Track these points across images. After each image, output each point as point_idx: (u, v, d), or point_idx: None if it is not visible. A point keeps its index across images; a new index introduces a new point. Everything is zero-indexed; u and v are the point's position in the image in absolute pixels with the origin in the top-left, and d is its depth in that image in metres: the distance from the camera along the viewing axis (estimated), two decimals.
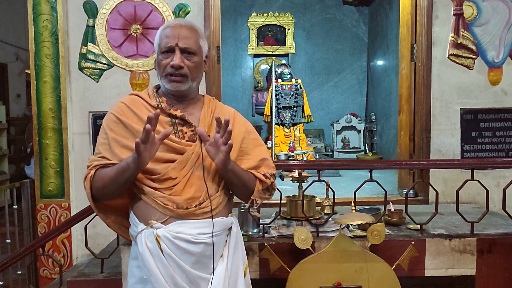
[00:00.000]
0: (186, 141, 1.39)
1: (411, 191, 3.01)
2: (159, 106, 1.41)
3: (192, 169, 1.36)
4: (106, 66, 2.89)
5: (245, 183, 1.42)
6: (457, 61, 2.98)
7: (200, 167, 1.37)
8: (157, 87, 1.50)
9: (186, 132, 1.41)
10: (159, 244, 1.30)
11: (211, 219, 1.35)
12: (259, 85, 7.68)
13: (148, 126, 1.19)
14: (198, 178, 1.36)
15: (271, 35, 7.36)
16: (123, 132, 1.38)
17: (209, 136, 1.37)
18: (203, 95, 1.53)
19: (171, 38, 1.38)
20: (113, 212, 1.51)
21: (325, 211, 2.53)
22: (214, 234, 1.35)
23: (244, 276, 1.45)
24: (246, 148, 1.49)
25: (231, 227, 1.44)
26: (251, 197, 1.46)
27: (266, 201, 2.21)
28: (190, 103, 1.47)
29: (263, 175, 1.46)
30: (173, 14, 2.86)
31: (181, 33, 1.39)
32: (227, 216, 1.44)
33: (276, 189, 2.14)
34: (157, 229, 1.32)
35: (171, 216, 1.33)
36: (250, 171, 1.46)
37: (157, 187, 1.34)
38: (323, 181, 2.29)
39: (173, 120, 1.41)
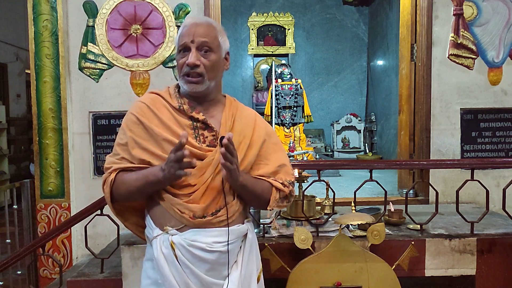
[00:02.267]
0: (207, 146, 1.35)
1: (411, 191, 3.01)
2: (181, 107, 1.36)
3: (212, 176, 1.31)
4: (106, 66, 2.89)
5: (258, 195, 1.38)
6: (457, 61, 2.98)
7: (220, 173, 1.31)
8: (178, 87, 1.44)
9: (207, 137, 1.36)
10: (174, 251, 1.29)
11: (227, 228, 1.32)
12: (259, 85, 7.68)
13: (183, 153, 1.18)
14: (216, 185, 1.32)
15: (271, 35, 7.36)
16: (142, 133, 1.34)
17: None
18: (224, 96, 1.48)
19: (186, 36, 1.34)
20: (131, 214, 1.49)
21: (325, 211, 2.53)
22: (229, 242, 1.33)
23: (258, 282, 1.43)
24: (265, 153, 1.43)
25: (246, 233, 1.41)
26: (268, 208, 1.41)
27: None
28: (211, 104, 1.41)
29: (281, 183, 1.41)
30: (173, 14, 2.86)
31: (197, 31, 1.34)
32: (243, 223, 1.40)
33: None
34: (172, 235, 1.31)
35: (187, 224, 1.31)
36: (267, 179, 1.40)
37: (175, 193, 1.31)
38: (323, 181, 2.29)
39: (195, 123, 1.36)
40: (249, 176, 1.37)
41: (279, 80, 5.83)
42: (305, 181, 2.42)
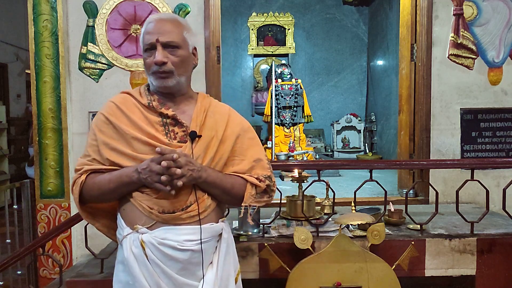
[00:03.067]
0: (178, 142, 1.33)
1: (411, 191, 3.01)
2: (150, 104, 1.35)
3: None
4: (106, 66, 2.89)
5: (228, 191, 1.35)
6: (457, 61, 2.98)
7: None
8: (148, 85, 1.44)
9: (177, 133, 1.35)
10: (144, 250, 1.27)
11: (199, 226, 1.29)
12: (259, 85, 7.68)
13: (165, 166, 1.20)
14: None
15: (271, 35, 7.36)
16: (112, 133, 1.33)
17: (201, 136, 1.33)
18: (197, 93, 1.46)
19: (151, 34, 1.32)
20: (102, 216, 1.46)
21: (325, 211, 2.53)
22: (202, 240, 1.29)
23: (236, 283, 1.41)
24: (240, 148, 1.41)
25: (221, 233, 1.38)
26: (242, 204, 1.38)
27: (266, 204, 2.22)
28: (182, 100, 1.40)
29: (256, 178, 1.38)
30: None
31: (162, 28, 1.32)
32: (217, 222, 1.37)
33: (276, 189, 2.16)
34: (142, 234, 1.28)
35: (157, 221, 1.28)
36: (242, 175, 1.38)
37: (144, 189, 1.29)
38: (323, 181, 2.29)
39: (164, 120, 1.35)
40: (216, 171, 1.35)
41: (279, 80, 5.83)
42: (305, 181, 2.42)
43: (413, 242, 2.05)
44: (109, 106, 1.37)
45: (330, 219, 2.31)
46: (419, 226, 2.24)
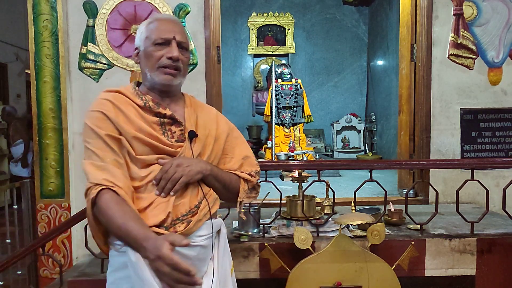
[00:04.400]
0: (175, 141, 1.34)
1: (411, 191, 3.01)
2: (146, 105, 1.33)
3: None
4: (106, 66, 2.89)
5: (227, 185, 1.40)
6: (457, 61, 2.98)
7: None
8: (137, 85, 1.42)
9: (175, 132, 1.35)
10: None
11: (209, 220, 1.33)
12: (259, 85, 7.68)
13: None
14: None
15: (271, 35, 7.36)
16: (112, 128, 1.28)
17: (197, 135, 1.36)
18: (182, 93, 1.48)
19: (167, 31, 1.34)
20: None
21: (325, 211, 2.53)
22: (208, 235, 1.32)
23: (231, 277, 1.44)
24: (229, 147, 1.47)
25: (219, 228, 1.42)
26: (238, 199, 1.43)
27: (265, 201, 2.22)
28: (172, 101, 1.40)
29: (248, 174, 1.44)
30: (173, 14, 2.86)
31: (175, 28, 1.36)
32: (216, 218, 1.42)
33: (276, 189, 2.16)
34: None
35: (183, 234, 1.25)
36: (234, 171, 1.43)
37: (161, 212, 1.26)
38: (323, 181, 2.29)
39: (161, 119, 1.34)
40: (216, 166, 1.39)
41: (279, 80, 5.83)
42: (305, 181, 2.42)
43: (413, 242, 2.05)
44: (103, 103, 1.30)
45: (330, 219, 2.31)
46: (419, 226, 2.24)
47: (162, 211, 1.26)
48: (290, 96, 5.75)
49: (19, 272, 3.07)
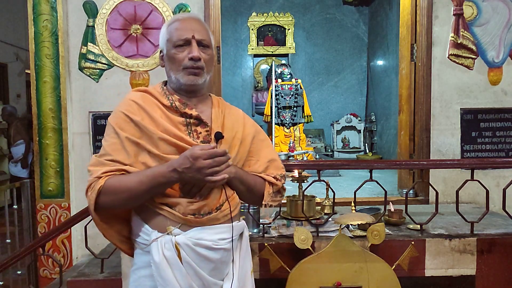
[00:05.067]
0: (201, 142, 1.33)
1: (411, 191, 3.01)
2: (173, 105, 1.33)
3: None
4: (106, 66, 2.89)
5: (252, 187, 1.38)
6: (457, 61, 2.98)
7: None
8: (165, 84, 1.41)
9: (200, 133, 1.34)
10: (178, 252, 1.24)
11: (230, 224, 1.31)
12: (259, 85, 7.68)
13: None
14: None
15: (271, 35, 7.36)
16: (134, 132, 1.28)
17: (223, 136, 1.33)
18: (210, 94, 1.47)
19: (185, 30, 1.32)
20: (116, 221, 1.38)
21: (325, 211, 2.53)
22: (230, 239, 1.31)
23: (251, 278, 1.44)
24: (255, 149, 1.44)
25: (243, 231, 1.41)
26: (263, 202, 1.40)
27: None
28: (199, 101, 1.39)
29: (274, 177, 1.42)
30: (173, 14, 2.86)
31: (194, 26, 1.34)
32: (240, 220, 1.40)
33: None
34: (175, 235, 1.25)
35: (192, 225, 1.27)
36: (260, 174, 1.41)
37: (174, 195, 1.27)
38: (323, 181, 2.29)
39: (187, 120, 1.33)
40: (241, 169, 1.38)
41: (279, 80, 5.83)
42: (305, 181, 2.42)
43: (413, 242, 2.05)
44: (129, 104, 1.32)
45: (330, 219, 2.31)
46: (419, 226, 2.24)
47: (182, 209, 1.28)
48: (290, 96, 5.75)
49: (19, 272, 3.07)
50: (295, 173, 2.44)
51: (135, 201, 1.28)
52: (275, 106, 5.60)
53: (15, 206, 2.96)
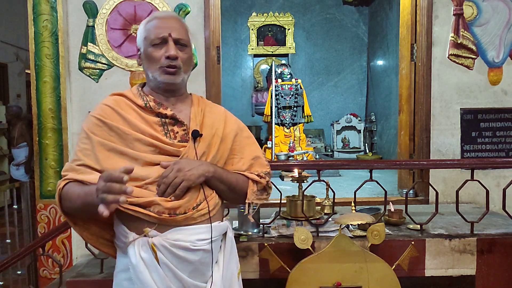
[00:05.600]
0: (178, 141, 1.32)
1: (411, 191, 3.00)
2: (147, 105, 1.33)
3: None
4: (106, 66, 2.89)
5: (234, 187, 1.36)
6: (457, 61, 2.98)
7: None
8: (142, 86, 1.42)
9: (177, 132, 1.33)
10: (155, 254, 1.22)
11: (209, 224, 1.28)
12: (259, 85, 7.68)
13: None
14: None
15: (271, 35, 7.36)
16: (107, 135, 1.28)
17: (202, 135, 1.33)
18: (190, 94, 1.46)
19: (163, 29, 1.31)
20: (92, 224, 1.37)
21: (325, 211, 2.53)
22: (209, 240, 1.28)
23: (238, 280, 1.41)
24: (238, 147, 1.43)
25: (226, 232, 1.38)
26: (246, 201, 1.39)
27: (265, 202, 2.21)
28: (178, 100, 1.39)
29: (257, 175, 1.40)
30: None
31: (172, 24, 1.33)
32: (222, 221, 1.38)
33: (276, 189, 2.16)
34: (152, 237, 1.23)
35: (168, 224, 1.25)
36: (243, 172, 1.40)
37: (148, 194, 1.25)
38: (323, 181, 2.29)
39: (163, 120, 1.33)
40: (221, 168, 1.36)
41: (279, 80, 5.83)
42: (305, 181, 2.42)
43: (413, 242, 2.05)
44: (102, 109, 1.32)
45: (330, 219, 2.31)
46: (419, 226, 2.24)
47: (157, 208, 1.25)
48: (290, 96, 5.75)
49: (19, 272, 3.07)
50: (295, 173, 2.44)
51: (78, 212, 1.26)
52: (275, 106, 5.60)
53: (15, 206, 2.96)
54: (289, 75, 5.92)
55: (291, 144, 5.52)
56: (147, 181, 1.26)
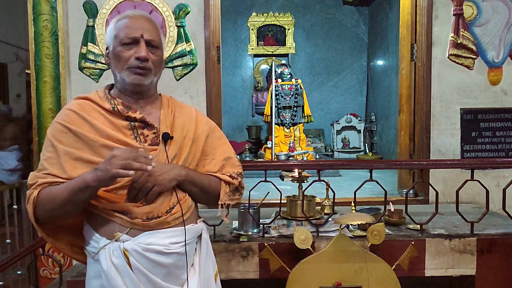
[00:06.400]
0: (149, 145, 1.29)
1: (411, 191, 3.00)
2: (115, 109, 1.28)
3: None
4: (106, 66, 2.89)
5: (206, 189, 1.35)
6: (457, 61, 2.98)
7: None
8: (108, 88, 1.38)
9: (147, 135, 1.30)
10: (128, 259, 1.19)
11: (183, 227, 1.25)
12: (259, 85, 7.68)
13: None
14: None
15: (271, 35, 7.36)
16: (73, 142, 1.23)
17: (172, 137, 1.30)
18: (160, 94, 1.43)
19: (134, 29, 1.27)
20: (64, 233, 1.35)
21: (325, 211, 2.53)
22: (183, 242, 1.25)
23: (215, 283, 1.40)
24: (210, 148, 1.41)
25: (201, 234, 1.36)
26: (219, 202, 1.37)
27: (265, 201, 2.21)
28: (147, 102, 1.35)
29: (229, 176, 1.39)
30: (173, 14, 2.86)
31: (144, 25, 1.30)
32: (196, 223, 1.35)
33: (276, 189, 2.16)
34: (123, 242, 1.20)
35: (141, 228, 1.22)
36: (215, 174, 1.38)
37: (120, 198, 1.23)
38: (323, 181, 2.29)
39: (132, 123, 1.29)
40: (193, 170, 1.34)
41: (279, 80, 5.83)
42: (305, 181, 2.42)
43: (413, 242, 2.05)
44: (66, 114, 1.27)
45: (330, 219, 2.31)
46: (419, 226, 2.24)
47: (130, 213, 1.24)
48: (290, 96, 5.75)
49: (19, 272, 3.07)
50: (295, 173, 2.44)
51: (62, 211, 1.22)
52: (275, 106, 5.60)
53: (15, 207, 2.96)
54: (289, 75, 5.92)
55: (291, 144, 5.52)
56: (117, 185, 1.22)
